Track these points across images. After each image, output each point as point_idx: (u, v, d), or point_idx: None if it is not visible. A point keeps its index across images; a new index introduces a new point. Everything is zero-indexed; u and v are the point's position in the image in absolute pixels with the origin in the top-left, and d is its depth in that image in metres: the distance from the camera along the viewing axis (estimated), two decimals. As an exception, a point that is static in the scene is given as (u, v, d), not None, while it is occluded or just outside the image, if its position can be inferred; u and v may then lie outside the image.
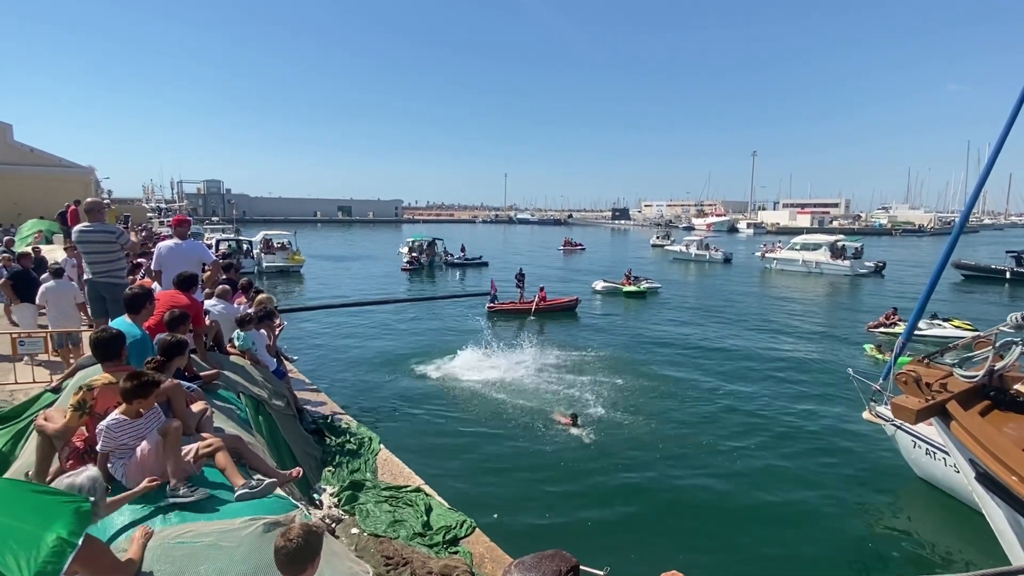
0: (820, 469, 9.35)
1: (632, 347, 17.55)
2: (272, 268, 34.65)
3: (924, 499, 8.47)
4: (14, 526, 2.23)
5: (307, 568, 2.59)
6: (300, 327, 19.41)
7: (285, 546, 2.56)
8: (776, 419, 11.53)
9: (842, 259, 37.38)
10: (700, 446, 10.15)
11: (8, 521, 2.24)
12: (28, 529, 2.24)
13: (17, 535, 2.20)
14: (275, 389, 6.70)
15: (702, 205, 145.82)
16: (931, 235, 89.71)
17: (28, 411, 5.38)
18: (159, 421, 3.65)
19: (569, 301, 23.11)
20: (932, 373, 5.16)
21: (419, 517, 5.50)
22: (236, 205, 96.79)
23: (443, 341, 18.05)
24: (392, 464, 6.93)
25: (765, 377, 14.41)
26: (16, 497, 2.41)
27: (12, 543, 2.15)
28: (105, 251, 6.78)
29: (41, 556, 2.16)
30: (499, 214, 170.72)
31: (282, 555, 2.56)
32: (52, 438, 3.77)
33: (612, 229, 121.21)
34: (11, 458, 4.79)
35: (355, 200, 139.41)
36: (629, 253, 58.34)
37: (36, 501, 2.42)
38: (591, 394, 12.78)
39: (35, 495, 2.48)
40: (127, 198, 75.62)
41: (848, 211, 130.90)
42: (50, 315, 8.72)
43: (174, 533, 3.09)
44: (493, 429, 10.81)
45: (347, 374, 14.58)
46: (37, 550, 2.17)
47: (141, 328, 4.83)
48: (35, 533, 2.24)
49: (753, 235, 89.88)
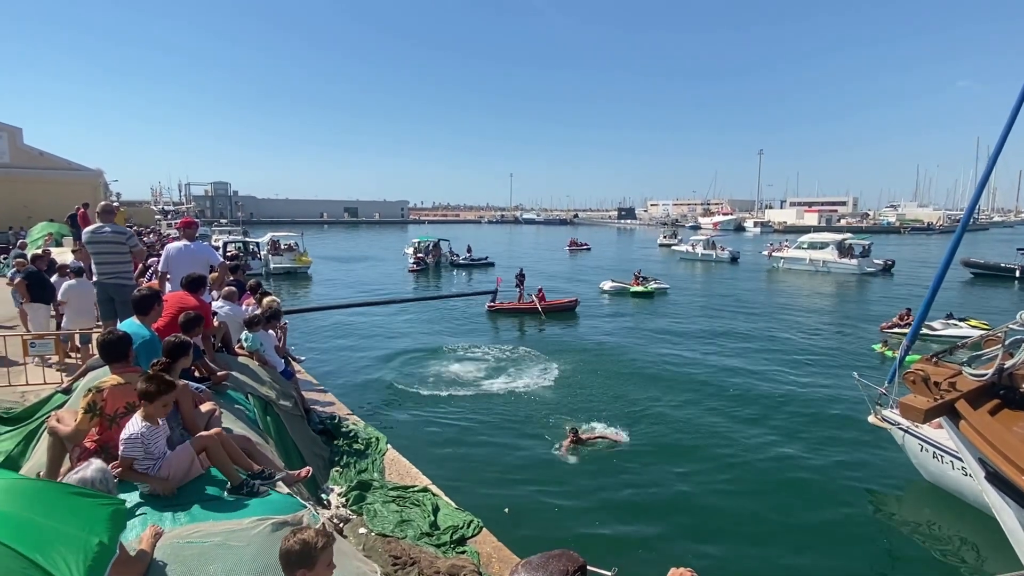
0: (827, 473, 9.27)
1: (637, 348, 17.52)
2: (279, 269, 34.81)
3: (934, 504, 8.35)
4: (60, 530, 2.26)
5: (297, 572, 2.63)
6: (307, 328, 19.48)
7: (283, 545, 2.64)
8: (783, 422, 11.45)
9: (849, 258, 37.14)
10: (706, 448, 10.10)
11: (54, 524, 2.27)
12: (72, 533, 2.27)
13: (64, 539, 2.23)
14: (283, 390, 6.73)
15: (708, 204, 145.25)
16: (940, 233, 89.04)
17: (39, 412, 5.44)
18: (175, 422, 3.70)
19: (568, 302, 23.10)
20: (940, 372, 5.12)
21: (426, 517, 5.51)
22: (243, 207, 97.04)
23: (449, 341, 18.08)
24: (399, 464, 6.95)
25: (771, 380, 14.33)
26: (55, 500, 2.42)
27: (61, 547, 2.19)
28: (115, 252, 6.84)
29: (88, 560, 2.21)
30: (505, 214, 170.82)
31: (280, 553, 2.64)
32: (65, 440, 3.81)
33: (618, 229, 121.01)
34: (22, 460, 4.85)
35: (361, 201, 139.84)
36: (635, 253, 58.23)
37: (74, 503, 2.44)
38: (595, 395, 12.78)
39: (73, 497, 2.49)
40: (135, 200, 76.10)
41: (856, 209, 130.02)
42: (68, 313, 8.85)
43: (183, 533, 3.11)
44: (499, 429, 10.82)
45: (354, 374, 14.63)
46: (84, 554, 2.21)
47: (150, 329, 4.86)
48: (80, 537, 2.27)
49: (760, 234, 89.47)
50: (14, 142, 35.00)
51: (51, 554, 2.13)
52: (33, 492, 2.44)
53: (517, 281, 24.10)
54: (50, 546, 2.16)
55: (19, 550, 2.08)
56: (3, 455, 5.01)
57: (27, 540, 2.13)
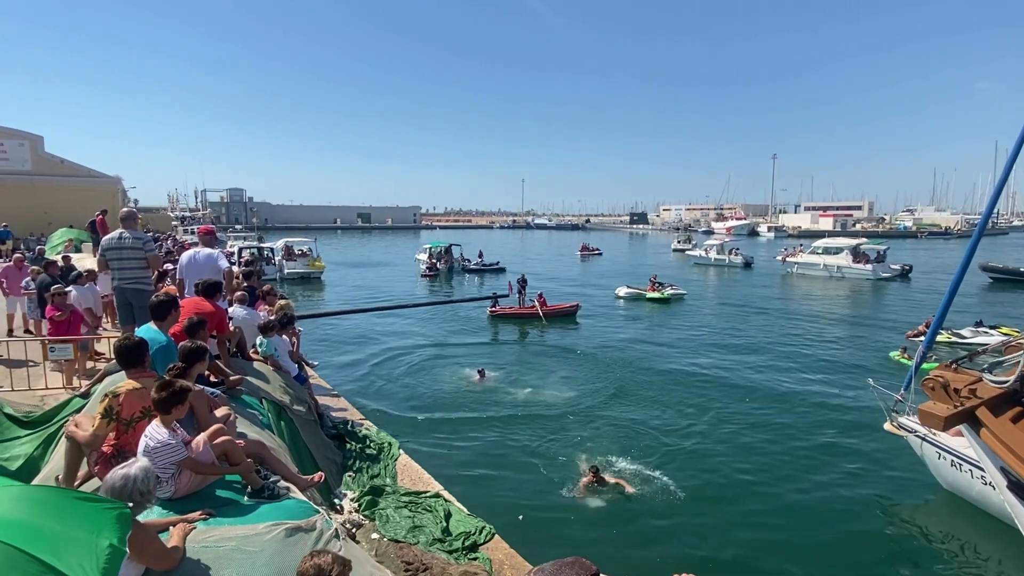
0: (842, 482, 9.13)
1: (652, 356, 17.43)
2: (293, 275, 35.09)
3: (952, 512, 8.21)
4: (70, 534, 2.36)
5: None
6: (321, 332, 19.61)
7: (300, 568, 2.72)
8: (799, 431, 11.31)
9: (864, 263, 36.71)
10: (718, 457, 10.01)
11: (64, 530, 2.36)
12: (82, 537, 2.38)
13: (76, 543, 2.33)
14: (297, 395, 6.77)
15: (721, 209, 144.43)
16: (958, 237, 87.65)
17: (58, 416, 5.52)
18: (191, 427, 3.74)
19: (570, 307, 23.16)
20: (960, 378, 5.02)
21: (438, 523, 5.51)
22: (258, 213, 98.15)
23: (460, 346, 18.12)
24: (411, 469, 6.95)
25: (785, 388, 14.19)
26: (63, 505, 2.52)
27: (75, 550, 2.30)
28: (134, 258, 6.94)
29: (101, 563, 2.32)
30: (516, 219, 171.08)
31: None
32: (82, 445, 3.86)
33: (630, 234, 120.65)
34: (41, 463, 4.92)
35: (374, 207, 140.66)
36: (648, 258, 57.96)
37: (80, 509, 2.53)
38: (606, 399, 12.72)
39: (79, 503, 2.58)
40: (152, 207, 77.40)
41: (872, 213, 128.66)
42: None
43: (200, 537, 3.14)
44: (510, 435, 10.80)
45: (366, 379, 14.69)
46: (96, 557, 2.33)
47: (167, 335, 4.92)
48: (90, 540, 2.38)
49: (774, 238, 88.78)
50: (35, 150, 35.72)
51: (66, 558, 2.24)
52: (43, 499, 2.54)
53: (519, 287, 24.26)
54: (64, 550, 2.26)
55: (37, 555, 2.18)
56: (24, 458, 5.09)
57: (43, 546, 2.23)
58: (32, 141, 35.71)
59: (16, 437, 5.39)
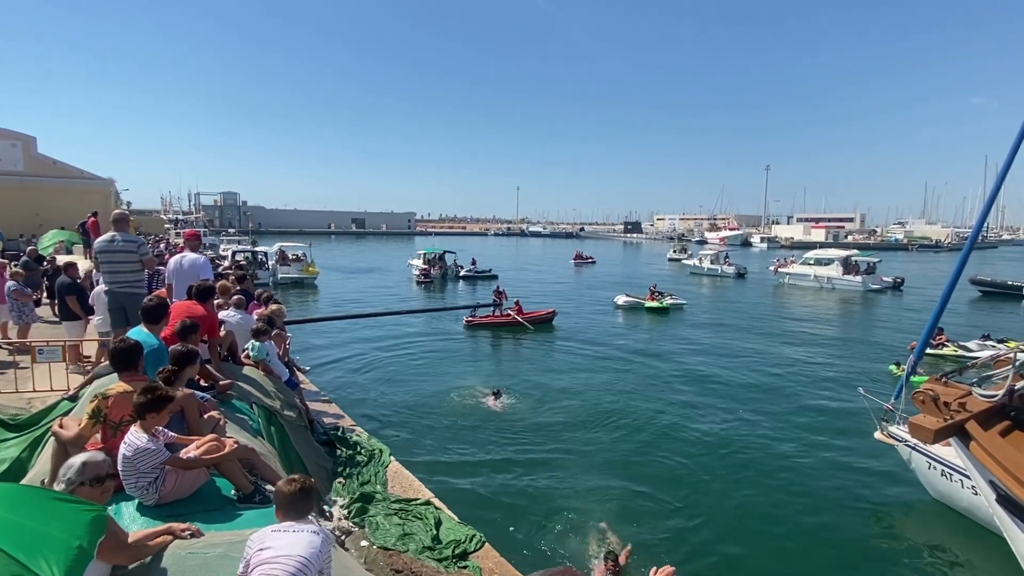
0: (832, 490, 9.16)
1: (649, 364, 17.46)
2: (287, 279, 34.97)
3: (941, 522, 8.25)
4: (42, 532, 2.40)
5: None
6: (313, 338, 19.52)
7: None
8: (788, 440, 11.34)
9: (855, 274, 36.94)
10: (710, 465, 10.01)
11: (37, 527, 2.41)
12: (54, 535, 2.41)
13: (47, 541, 2.37)
14: (287, 400, 6.73)
15: (715, 219, 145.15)
16: (948, 250, 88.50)
17: (45, 419, 5.46)
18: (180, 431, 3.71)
19: (546, 313, 23.24)
20: (950, 392, 5.05)
21: (428, 531, 5.48)
22: (252, 217, 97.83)
23: (452, 353, 18.09)
24: (402, 476, 6.92)
25: (778, 398, 14.25)
26: (39, 504, 2.55)
27: (44, 548, 2.34)
28: (127, 261, 6.91)
29: (67, 562, 2.35)
30: (511, 227, 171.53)
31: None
32: (67, 445, 3.82)
33: (624, 242, 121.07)
34: (28, 465, 4.86)
35: (369, 213, 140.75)
36: (643, 267, 58.13)
37: (57, 508, 2.56)
38: (597, 406, 12.72)
39: (56, 503, 2.60)
40: (146, 209, 76.97)
41: (863, 225, 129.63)
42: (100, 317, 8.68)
43: (186, 544, 3.11)
44: (502, 443, 10.76)
45: (358, 385, 14.62)
46: (64, 556, 2.36)
47: (158, 338, 4.89)
48: (61, 539, 2.41)
49: (767, 249, 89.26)
50: (28, 151, 35.49)
51: (34, 555, 2.29)
52: (19, 497, 2.58)
53: (496, 298, 24.22)
54: (34, 547, 2.32)
55: (6, 550, 2.26)
56: (10, 461, 5.03)
57: (13, 542, 2.29)
58: (25, 142, 35.47)
59: (2, 440, 5.32)
